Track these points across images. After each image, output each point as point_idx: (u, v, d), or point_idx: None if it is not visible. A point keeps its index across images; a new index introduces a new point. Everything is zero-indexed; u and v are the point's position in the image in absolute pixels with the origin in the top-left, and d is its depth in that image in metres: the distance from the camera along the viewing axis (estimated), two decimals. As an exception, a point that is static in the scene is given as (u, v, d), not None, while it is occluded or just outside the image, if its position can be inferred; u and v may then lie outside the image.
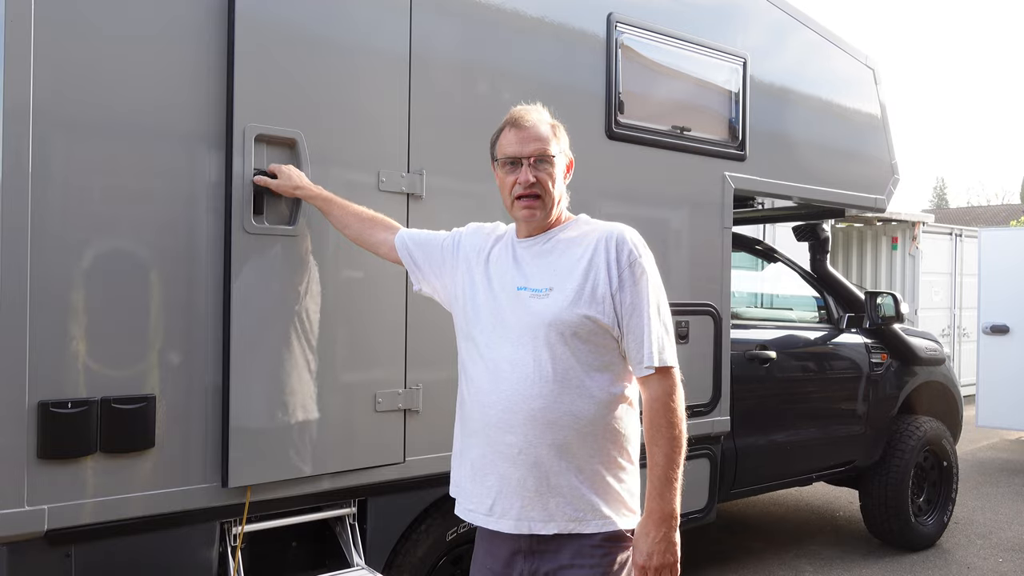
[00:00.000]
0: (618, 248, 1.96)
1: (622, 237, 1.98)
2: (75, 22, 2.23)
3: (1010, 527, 5.84)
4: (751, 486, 4.51)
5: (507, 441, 1.95)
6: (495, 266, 2.10)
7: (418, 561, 2.96)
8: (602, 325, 1.93)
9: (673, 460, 1.91)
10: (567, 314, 1.92)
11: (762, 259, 5.44)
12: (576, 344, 1.93)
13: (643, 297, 1.94)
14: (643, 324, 1.93)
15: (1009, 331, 8.23)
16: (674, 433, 1.92)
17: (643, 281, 1.95)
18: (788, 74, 4.34)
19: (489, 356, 2.01)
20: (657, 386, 1.94)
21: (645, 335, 1.92)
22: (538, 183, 1.99)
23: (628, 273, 1.94)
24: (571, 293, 1.93)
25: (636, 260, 1.95)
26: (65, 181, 2.22)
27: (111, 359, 2.29)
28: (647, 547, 1.89)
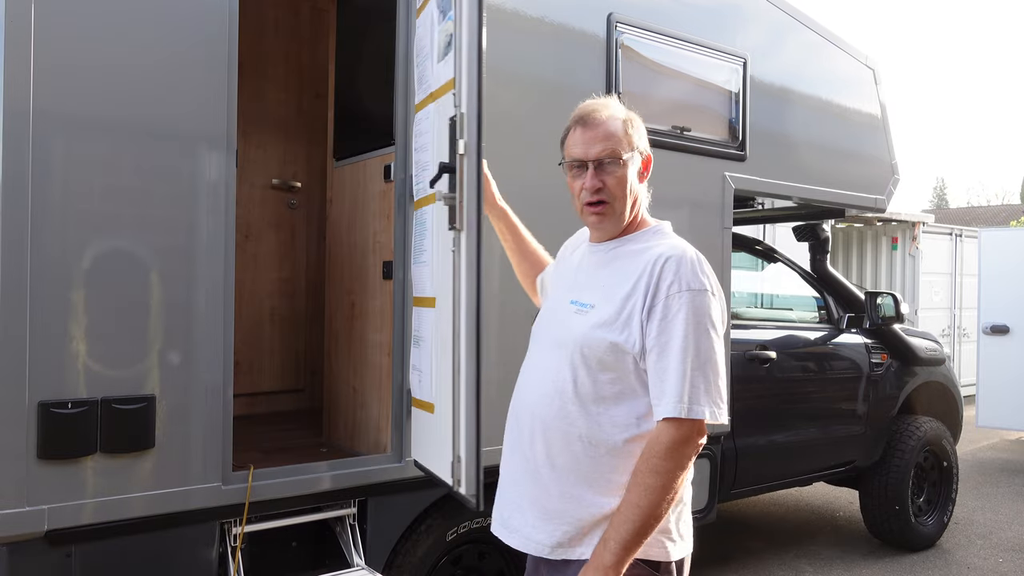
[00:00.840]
0: (662, 274, 1.71)
1: (672, 262, 1.72)
2: (75, 21, 2.24)
3: (1010, 527, 5.84)
4: (751, 486, 4.51)
5: (525, 455, 1.83)
6: (566, 270, 2.00)
7: (418, 561, 2.96)
8: (627, 352, 1.73)
9: (634, 511, 1.65)
10: (595, 336, 1.75)
11: (762, 259, 5.44)
12: (599, 368, 1.75)
13: (674, 335, 1.68)
14: (671, 364, 1.67)
15: (1009, 331, 8.23)
16: (647, 484, 1.65)
17: (679, 317, 1.68)
18: (788, 74, 4.34)
19: (530, 362, 1.92)
20: (666, 432, 1.67)
21: (667, 379, 1.67)
22: (605, 188, 1.80)
23: (663, 305, 1.70)
24: (606, 315, 1.75)
25: (678, 293, 1.69)
26: (65, 181, 2.22)
27: (111, 359, 2.29)
28: None
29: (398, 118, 2.94)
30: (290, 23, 4.33)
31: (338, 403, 3.40)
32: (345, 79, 3.53)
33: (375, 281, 3.14)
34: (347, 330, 3.35)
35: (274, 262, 4.27)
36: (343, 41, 3.54)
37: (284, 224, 4.31)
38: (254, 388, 4.14)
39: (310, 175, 4.37)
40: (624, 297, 1.75)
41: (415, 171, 2.78)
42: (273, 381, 4.24)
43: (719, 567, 4.91)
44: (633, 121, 1.86)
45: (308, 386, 4.31)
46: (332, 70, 3.62)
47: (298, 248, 4.36)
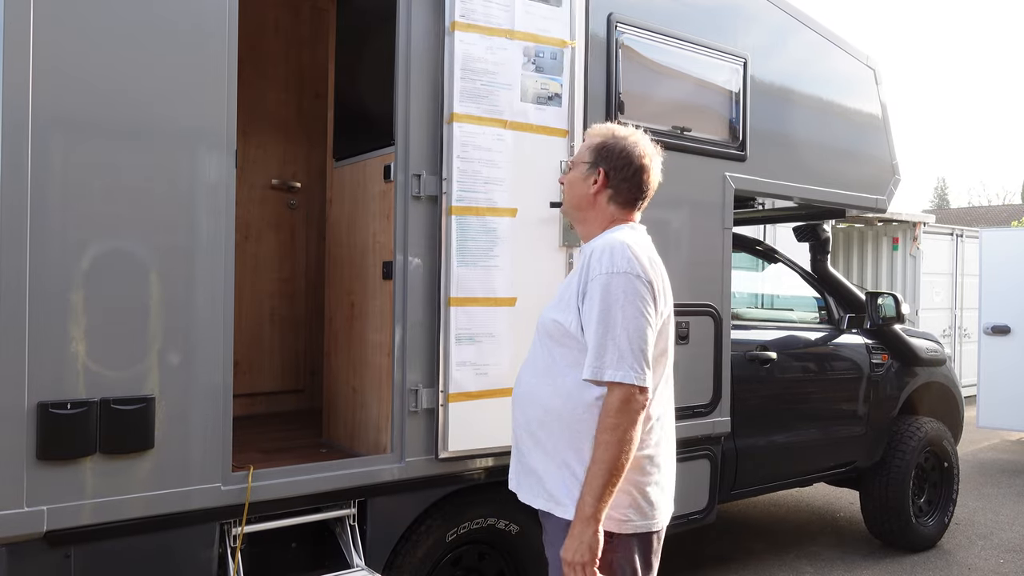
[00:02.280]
0: (590, 262, 2.06)
1: (600, 251, 2.06)
2: (75, 21, 2.23)
3: (1011, 528, 5.83)
4: (752, 487, 4.50)
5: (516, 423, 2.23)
6: None
7: (418, 562, 2.95)
8: (569, 331, 2.08)
9: (598, 466, 1.95)
10: (547, 317, 2.16)
11: (763, 260, 5.43)
12: (552, 344, 2.13)
13: (594, 309, 2.01)
14: (591, 335, 2.01)
15: (1010, 331, 8.22)
16: (603, 440, 1.96)
17: (598, 294, 2.01)
18: (789, 74, 4.33)
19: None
20: (609, 396, 1.99)
21: (591, 347, 2.00)
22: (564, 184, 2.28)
23: (589, 287, 2.04)
24: (556, 300, 2.17)
25: (599, 275, 2.02)
26: (64, 181, 2.22)
27: (110, 359, 2.29)
28: (566, 542, 1.98)
29: (398, 118, 2.94)
30: (290, 23, 4.33)
31: (338, 403, 3.39)
32: (345, 79, 3.53)
33: (375, 281, 3.13)
34: (347, 330, 3.35)
35: (274, 262, 4.26)
36: (343, 41, 3.54)
37: (284, 224, 4.30)
38: (254, 388, 4.14)
39: (310, 175, 4.37)
40: (566, 284, 2.16)
41: (457, 178, 2.93)
42: (273, 381, 4.24)
43: (719, 567, 4.91)
44: (607, 144, 2.19)
45: (308, 386, 4.31)
46: (332, 70, 3.62)
47: (298, 248, 4.35)
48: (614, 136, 2.20)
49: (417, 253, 2.94)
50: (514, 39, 3.06)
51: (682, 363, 3.78)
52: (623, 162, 2.17)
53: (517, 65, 3.06)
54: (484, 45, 2.99)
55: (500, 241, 3.01)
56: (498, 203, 3.01)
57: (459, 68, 2.93)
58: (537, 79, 3.10)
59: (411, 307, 2.93)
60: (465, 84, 2.95)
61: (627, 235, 2.13)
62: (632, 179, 2.18)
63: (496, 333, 3.00)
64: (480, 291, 2.99)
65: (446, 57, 2.94)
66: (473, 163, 2.96)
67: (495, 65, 3.02)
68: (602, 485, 1.94)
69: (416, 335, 2.94)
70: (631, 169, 2.17)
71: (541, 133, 3.11)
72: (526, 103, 3.08)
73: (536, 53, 3.11)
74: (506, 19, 3.04)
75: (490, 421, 2.98)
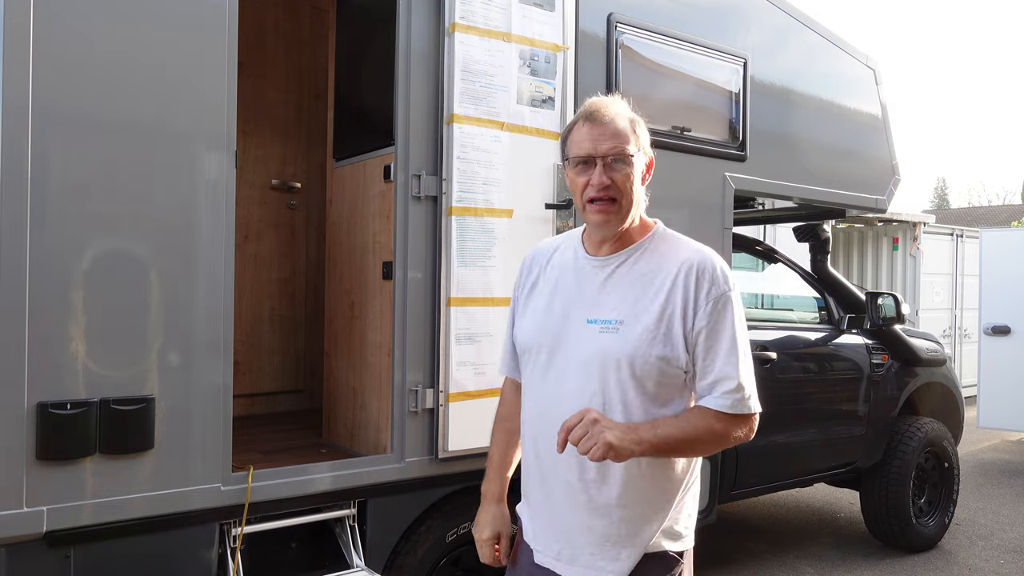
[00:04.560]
0: (698, 280, 1.76)
1: (703, 268, 1.77)
2: (75, 20, 2.23)
3: (1012, 528, 5.83)
4: (752, 487, 4.50)
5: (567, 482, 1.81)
6: (550, 283, 1.91)
7: (418, 562, 2.95)
8: (675, 365, 1.76)
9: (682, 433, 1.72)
10: (639, 352, 1.74)
11: (763, 260, 5.43)
12: (646, 383, 1.75)
13: (725, 333, 1.76)
14: (718, 366, 1.75)
15: (1010, 332, 8.22)
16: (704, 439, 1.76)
17: (727, 318, 1.76)
18: (789, 74, 4.33)
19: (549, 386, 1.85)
20: (732, 424, 1.77)
21: (730, 378, 1.75)
22: (614, 185, 1.77)
23: (706, 311, 1.75)
24: (643, 330, 1.75)
25: (720, 296, 1.76)
26: (64, 180, 2.22)
27: (110, 360, 2.29)
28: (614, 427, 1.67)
29: (398, 118, 2.94)
30: (290, 23, 4.33)
31: (338, 403, 3.39)
32: (345, 79, 3.53)
33: (375, 281, 3.13)
34: (347, 330, 3.35)
35: (274, 262, 4.26)
36: (343, 41, 3.54)
37: (284, 224, 4.31)
38: (254, 388, 4.14)
39: (310, 175, 4.37)
40: (659, 309, 1.76)
41: (457, 178, 2.93)
42: (273, 382, 4.24)
43: (720, 568, 4.91)
44: (639, 122, 1.84)
45: (308, 387, 4.31)
46: (332, 70, 3.62)
47: (298, 248, 4.35)
48: (632, 112, 1.86)
49: (417, 253, 2.94)
50: (511, 42, 3.07)
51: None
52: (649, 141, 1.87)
53: (513, 68, 3.08)
54: (483, 47, 3.00)
55: (497, 242, 3.03)
56: (495, 204, 3.03)
57: (459, 69, 2.94)
58: (532, 82, 3.12)
59: (411, 307, 2.93)
60: (465, 85, 2.96)
61: (694, 241, 1.88)
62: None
63: (494, 333, 3.01)
64: (479, 291, 3.00)
65: (446, 58, 2.95)
66: (472, 164, 2.97)
67: (493, 67, 3.03)
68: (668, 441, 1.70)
69: (416, 335, 2.94)
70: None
71: (535, 135, 3.13)
72: (521, 105, 3.09)
73: (531, 56, 3.12)
74: (503, 22, 3.05)
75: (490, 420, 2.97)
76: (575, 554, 1.83)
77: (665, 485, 1.83)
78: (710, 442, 1.78)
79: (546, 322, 1.87)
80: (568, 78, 3.24)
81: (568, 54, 3.24)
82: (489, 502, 2.04)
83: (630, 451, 1.65)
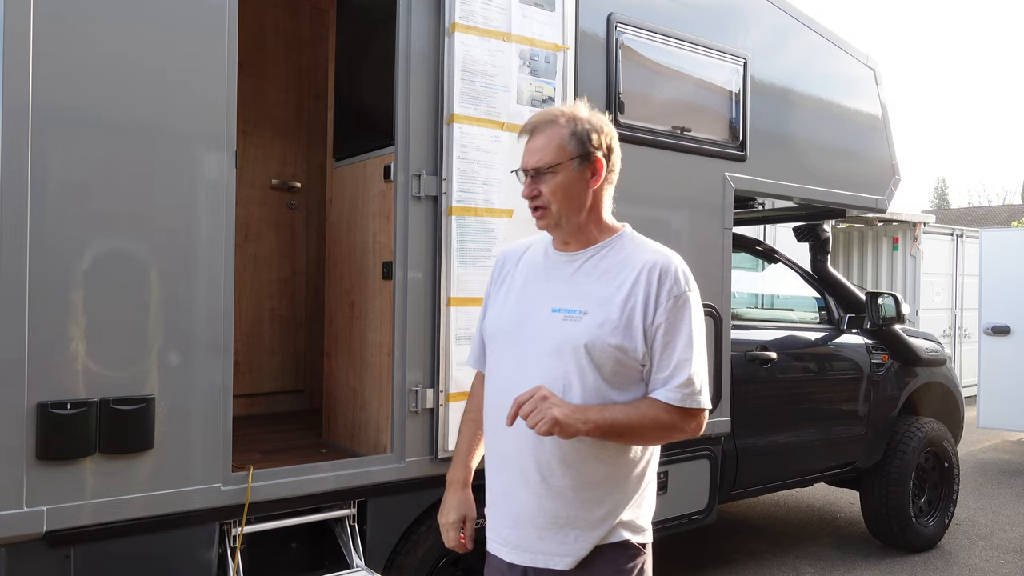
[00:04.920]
0: (660, 280, 1.84)
1: (666, 271, 1.85)
2: (75, 20, 2.23)
3: (1012, 528, 5.83)
4: (752, 487, 4.50)
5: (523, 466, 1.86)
6: (519, 278, 1.98)
7: (418, 562, 2.95)
8: (632, 356, 1.82)
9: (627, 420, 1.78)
10: (599, 340, 1.80)
11: (763, 260, 5.43)
12: (603, 370, 1.82)
13: (681, 331, 1.83)
14: (674, 361, 1.82)
15: (1010, 332, 8.22)
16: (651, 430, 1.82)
17: (684, 316, 1.84)
18: (788, 74, 4.33)
19: (510, 372, 1.90)
20: (680, 417, 1.83)
21: (682, 372, 1.81)
22: (541, 196, 1.85)
23: (666, 308, 1.82)
24: (604, 320, 1.82)
25: (682, 293, 1.85)
26: (64, 181, 2.22)
27: (110, 360, 2.29)
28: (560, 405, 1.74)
29: (398, 118, 2.94)
30: (290, 23, 4.33)
31: (338, 403, 3.39)
32: (345, 79, 3.53)
33: (375, 281, 3.14)
34: (347, 330, 3.35)
35: (274, 262, 4.26)
36: (343, 41, 3.54)
37: (284, 224, 4.31)
38: (254, 388, 4.14)
39: (310, 175, 4.37)
40: (621, 303, 1.83)
41: (457, 178, 2.94)
42: (273, 382, 4.24)
43: (720, 568, 4.91)
44: (587, 126, 1.86)
45: (308, 387, 4.31)
46: (332, 70, 3.62)
47: (298, 248, 4.35)
48: (575, 116, 1.87)
49: (417, 253, 2.94)
50: (511, 42, 3.07)
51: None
52: (609, 142, 1.89)
53: (513, 68, 3.08)
54: (483, 47, 3.00)
55: (497, 242, 3.03)
56: (495, 204, 3.03)
57: (459, 69, 2.94)
58: (532, 82, 3.13)
59: (411, 307, 2.93)
60: (465, 85, 2.96)
61: (662, 246, 1.95)
62: (614, 156, 1.92)
63: None
64: (479, 291, 2.99)
65: (446, 58, 2.95)
66: (472, 164, 2.97)
67: (493, 67, 3.03)
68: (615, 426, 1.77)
69: (416, 335, 2.94)
70: (615, 148, 1.91)
71: None
72: (521, 105, 3.10)
73: (531, 56, 3.13)
74: (503, 22, 3.05)
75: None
76: (524, 540, 1.87)
77: (619, 473, 1.87)
78: (656, 432, 1.85)
79: (514, 311, 1.94)
80: (568, 78, 3.24)
81: (568, 54, 3.24)
82: (455, 488, 2.09)
83: (576, 429, 1.73)
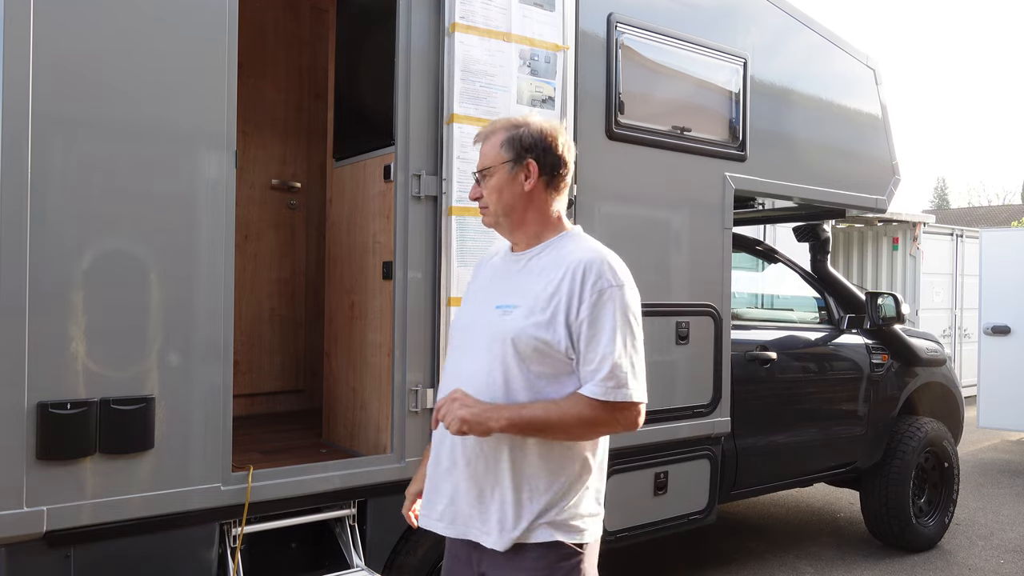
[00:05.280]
0: (584, 276, 1.88)
1: (592, 266, 1.89)
2: (75, 22, 2.23)
3: (1012, 528, 5.83)
4: (752, 487, 4.50)
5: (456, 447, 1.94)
6: (482, 279, 2.13)
7: (418, 562, 2.95)
8: (555, 349, 1.88)
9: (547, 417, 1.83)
10: (523, 333, 1.88)
11: (763, 260, 5.43)
12: (529, 363, 1.89)
13: (606, 325, 1.86)
14: (603, 352, 1.85)
15: (1010, 332, 8.22)
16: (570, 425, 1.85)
17: (609, 307, 1.86)
18: (788, 74, 4.33)
19: (457, 365, 2.01)
20: (607, 412, 1.85)
21: (607, 365, 1.84)
22: (483, 196, 2.01)
23: (589, 302, 1.87)
24: (529, 313, 1.90)
25: (608, 288, 1.87)
26: (64, 181, 2.22)
27: (110, 360, 2.29)
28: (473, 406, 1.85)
29: (398, 118, 2.94)
30: (290, 23, 4.33)
31: (338, 403, 3.39)
32: (345, 79, 3.53)
33: (375, 281, 3.14)
34: (347, 330, 3.35)
35: (274, 262, 4.27)
36: (343, 41, 3.54)
37: (284, 224, 4.31)
38: (254, 388, 4.14)
39: (310, 175, 4.37)
40: (547, 298, 1.90)
41: (457, 178, 2.95)
42: (273, 381, 4.24)
43: (720, 568, 4.91)
44: (520, 132, 1.98)
45: (308, 387, 4.31)
46: (332, 70, 3.62)
47: (298, 248, 4.35)
48: (518, 123, 1.99)
49: (417, 253, 2.94)
50: (511, 42, 3.07)
51: (682, 363, 3.81)
52: (544, 145, 1.97)
53: (513, 68, 3.08)
54: (483, 47, 3.00)
55: (497, 242, 3.00)
56: None
57: (459, 69, 2.94)
58: (532, 82, 3.13)
59: (411, 307, 2.93)
60: (465, 85, 2.96)
61: (598, 244, 1.99)
62: (559, 160, 1.99)
63: None
64: None
65: (446, 58, 2.95)
66: (472, 164, 2.96)
67: (493, 67, 3.03)
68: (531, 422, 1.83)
69: (416, 335, 2.94)
70: (553, 151, 1.98)
71: None
72: (521, 105, 3.10)
73: (531, 56, 3.13)
74: (503, 22, 3.05)
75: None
76: (458, 514, 1.94)
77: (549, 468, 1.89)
78: (581, 427, 1.87)
79: (468, 311, 2.10)
80: (568, 78, 3.24)
81: (568, 54, 3.24)
82: (424, 462, 2.15)
83: (488, 427, 1.82)
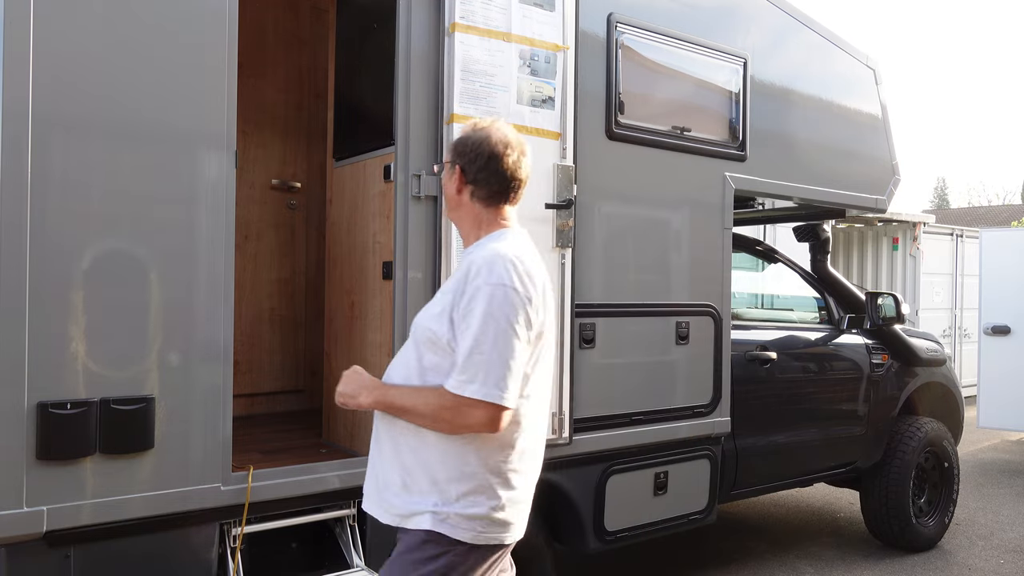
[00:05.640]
0: (471, 273, 1.93)
1: (483, 264, 1.93)
2: (75, 22, 2.23)
3: (1012, 528, 5.83)
4: (752, 487, 4.50)
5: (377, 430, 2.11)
6: None
7: (418, 562, 2.95)
8: (442, 341, 1.95)
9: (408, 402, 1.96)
10: (420, 324, 2.03)
11: (763, 260, 5.43)
12: (424, 353, 1.99)
13: (471, 322, 1.89)
14: (463, 348, 1.89)
15: (1010, 332, 8.22)
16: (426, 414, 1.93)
17: (475, 306, 1.89)
18: (788, 74, 4.34)
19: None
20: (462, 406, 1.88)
21: (460, 360, 1.89)
22: None
23: (467, 299, 1.91)
24: (431, 307, 2.04)
25: (478, 287, 1.90)
26: (64, 181, 2.22)
27: (110, 360, 2.29)
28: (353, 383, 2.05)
29: (398, 118, 2.94)
30: (290, 23, 4.33)
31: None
32: (345, 79, 3.53)
33: (375, 281, 3.14)
34: (347, 330, 3.35)
35: (274, 262, 4.27)
36: (343, 41, 3.54)
37: (284, 224, 4.31)
38: (254, 388, 4.14)
39: (310, 175, 4.37)
40: (444, 292, 2.03)
41: None
42: (273, 382, 4.24)
43: (720, 568, 4.91)
44: (461, 137, 2.10)
45: (308, 387, 4.31)
46: (332, 70, 3.62)
47: (298, 248, 4.35)
48: (470, 129, 2.09)
49: (417, 253, 2.94)
50: (511, 42, 3.07)
51: (682, 363, 3.81)
52: (475, 153, 2.03)
53: (513, 68, 3.09)
54: (483, 47, 3.00)
55: None
56: None
57: (459, 69, 2.94)
58: (532, 82, 3.14)
59: (411, 307, 2.92)
60: (465, 85, 2.96)
61: (508, 246, 2.00)
62: (488, 169, 2.03)
63: None
64: None
65: (446, 58, 2.95)
66: None
67: (493, 67, 3.03)
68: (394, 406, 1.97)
69: (416, 335, 2.93)
70: (483, 159, 2.02)
71: (535, 135, 3.14)
72: (521, 105, 3.10)
73: (531, 56, 3.13)
74: (503, 22, 3.05)
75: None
76: (369, 491, 2.09)
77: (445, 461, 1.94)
78: (435, 416, 1.92)
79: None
80: (568, 78, 3.24)
81: (568, 54, 3.24)
82: None
83: (357, 403, 2.02)
